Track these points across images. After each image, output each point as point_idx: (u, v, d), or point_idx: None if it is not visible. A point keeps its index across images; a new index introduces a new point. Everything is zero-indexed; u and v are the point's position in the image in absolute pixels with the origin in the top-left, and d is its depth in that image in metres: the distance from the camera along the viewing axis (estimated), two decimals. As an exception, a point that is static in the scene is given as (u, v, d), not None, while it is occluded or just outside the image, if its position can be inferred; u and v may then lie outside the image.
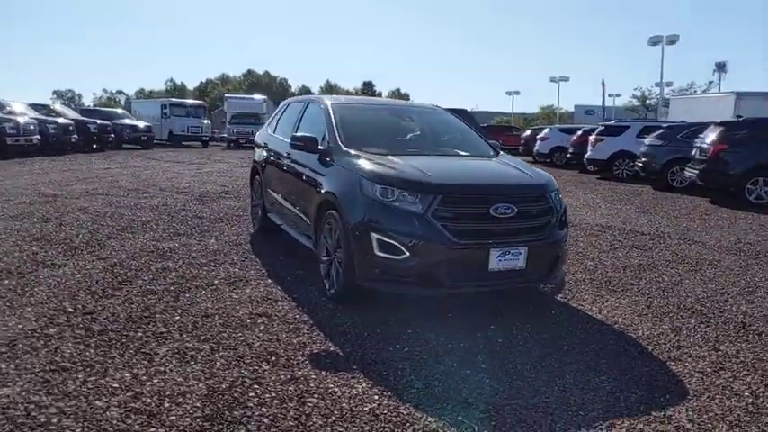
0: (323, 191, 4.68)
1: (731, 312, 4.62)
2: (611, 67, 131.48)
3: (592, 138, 17.77)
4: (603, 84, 44.37)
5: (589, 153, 17.60)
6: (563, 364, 3.52)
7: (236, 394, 2.96)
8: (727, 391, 3.21)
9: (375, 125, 5.53)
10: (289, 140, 5.82)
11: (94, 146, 21.57)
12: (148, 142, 26.13)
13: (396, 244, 3.93)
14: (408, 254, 3.90)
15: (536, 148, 23.51)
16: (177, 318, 4.04)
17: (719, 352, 3.79)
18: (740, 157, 11.15)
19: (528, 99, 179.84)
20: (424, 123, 5.82)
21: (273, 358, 3.44)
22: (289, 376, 3.20)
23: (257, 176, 7.04)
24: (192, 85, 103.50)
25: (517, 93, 66.13)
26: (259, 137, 7.20)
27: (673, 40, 35.32)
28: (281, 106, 7.12)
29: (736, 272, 5.93)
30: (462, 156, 5.21)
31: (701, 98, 24.57)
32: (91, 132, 21.31)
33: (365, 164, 4.38)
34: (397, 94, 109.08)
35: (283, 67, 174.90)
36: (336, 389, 3.08)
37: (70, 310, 4.11)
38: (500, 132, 31.56)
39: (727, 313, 4.60)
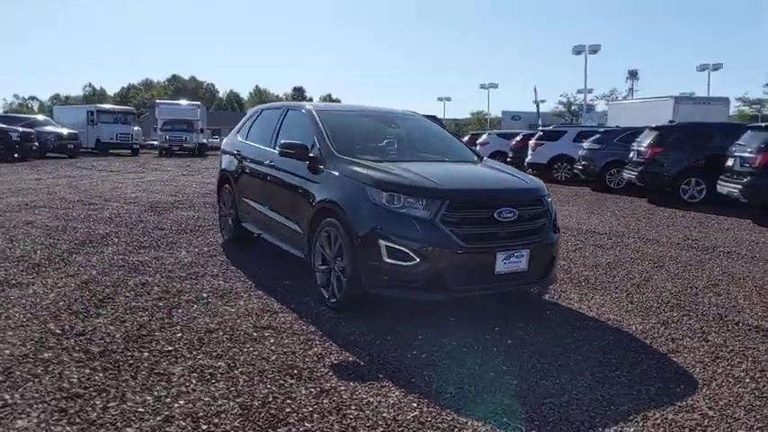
0: (318, 199, 4.61)
1: (704, 305, 4.94)
2: (538, 75, 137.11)
3: (532, 142, 18.47)
4: (536, 91, 46.24)
5: (530, 157, 18.28)
6: (576, 361, 3.64)
7: (272, 411, 2.86)
8: (730, 379, 3.44)
9: (363, 132, 5.52)
10: (269, 148, 5.72)
11: (16, 155, 20.12)
12: (75, 150, 24.70)
13: (405, 250, 3.93)
14: (418, 260, 3.92)
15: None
16: (179, 335, 3.86)
17: (709, 342, 4.05)
18: (674, 159, 11.95)
19: (459, 105, 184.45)
20: (408, 130, 5.86)
21: (295, 371, 3.35)
22: (318, 389, 3.13)
23: (227, 185, 6.83)
24: (112, 90, 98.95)
25: (448, 99, 67.74)
26: (228, 145, 6.99)
27: (594, 50, 37.39)
28: (250, 113, 6.95)
29: (695, 266, 6.36)
30: (453, 162, 5.28)
31: (640, 103, 25.77)
32: (13, 141, 19.85)
33: (367, 171, 4.36)
34: (329, 99, 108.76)
35: (210, 71, 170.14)
36: (371, 399, 3.04)
37: (58, 331, 3.83)
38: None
39: (702, 306, 4.91)
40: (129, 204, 9.85)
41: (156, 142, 33.19)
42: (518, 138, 21.38)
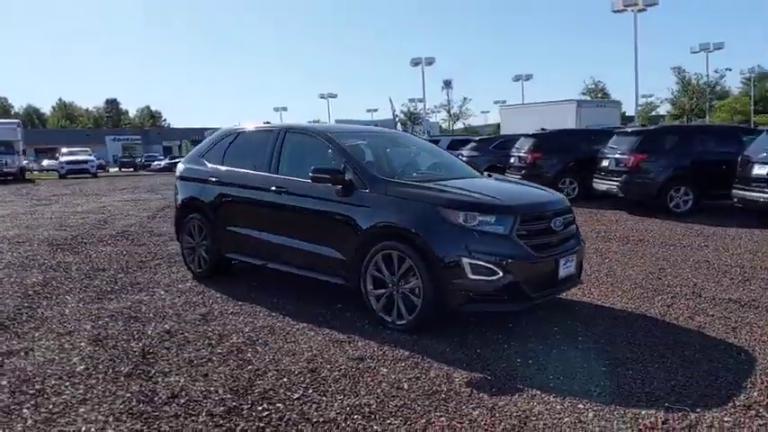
0: (372, 223, 4.58)
1: (675, 287, 5.85)
2: (379, 84, 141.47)
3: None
4: (391, 100, 48.11)
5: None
6: (634, 352, 4.06)
7: (475, 436, 2.91)
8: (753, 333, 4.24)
9: (386, 152, 5.54)
10: (270, 173, 5.50)
11: None
12: None
13: (489, 266, 4.14)
14: (501, 273, 4.15)
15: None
16: (284, 379, 3.62)
17: (713, 316, 4.87)
18: (551, 162, 13.59)
19: (295, 114, 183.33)
20: (416, 148, 6.02)
21: (441, 395, 3.39)
22: (485, 409, 3.22)
23: (195, 215, 6.30)
24: None
25: (284, 108, 67.45)
26: (192, 171, 6.43)
27: (430, 62, 40.27)
28: (218, 136, 6.48)
29: (630, 255, 7.43)
30: (476, 178, 5.52)
31: (543, 107, 26.75)
32: None
33: (432, 192, 4.47)
34: (147, 111, 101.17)
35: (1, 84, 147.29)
36: (543, 408, 3.22)
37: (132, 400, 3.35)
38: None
39: (674, 287, 5.82)
40: (20, 244, 8.44)
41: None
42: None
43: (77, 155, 32.65)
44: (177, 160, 41.06)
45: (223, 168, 6.07)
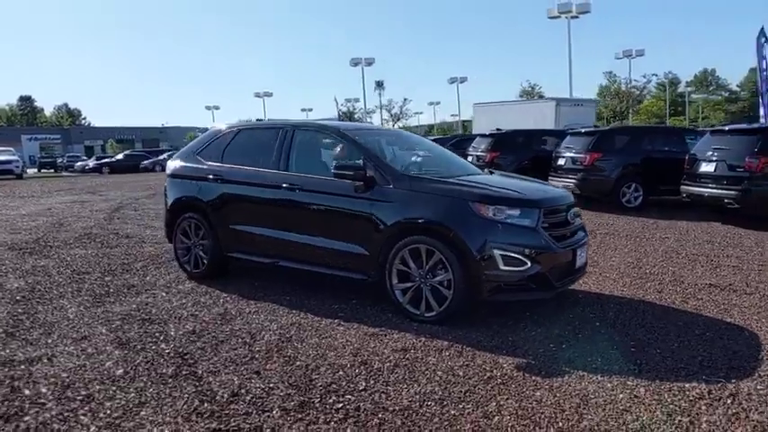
0: (398, 219, 4.67)
1: (657, 275, 6.31)
2: (315, 83, 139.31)
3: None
4: (336, 100, 47.89)
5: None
6: (651, 333, 4.39)
7: (560, 423, 3.08)
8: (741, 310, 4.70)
9: (395, 149, 5.62)
10: (280, 171, 5.47)
11: None
12: None
13: (519, 257, 4.35)
14: (529, 264, 4.37)
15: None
16: (341, 373, 3.65)
17: (709, 299, 5.31)
18: (508, 160, 14.11)
19: (229, 113, 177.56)
20: (420, 146, 6.13)
21: (498, 381, 3.54)
22: (545, 390, 3.41)
23: (191, 214, 6.14)
24: None
25: (217, 107, 65.70)
26: (187, 169, 6.24)
27: (370, 62, 40.53)
28: (214, 133, 6.32)
29: (604, 246, 7.91)
30: (484, 174, 5.72)
31: (521, 105, 26.25)
32: None
33: (461, 188, 4.62)
34: (66, 109, 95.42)
35: None
36: (596, 387, 3.44)
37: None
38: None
39: (657, 275, 6.28)
40: (-21, 249, 7.87)
41: None
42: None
43: (1, 154, 30.35)
44: (107, 160, 39.31)
45: (225, 166, 5.95)
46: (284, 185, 5.38)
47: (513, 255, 4.35)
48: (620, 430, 2.96)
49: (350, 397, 3.32)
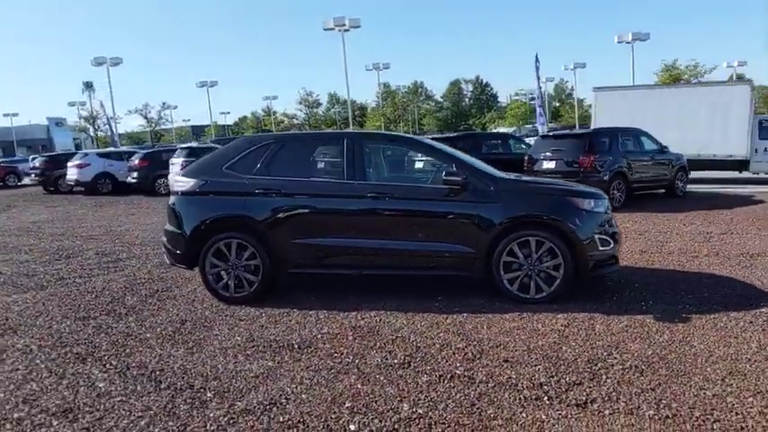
0: (508, 216, 5.26)
1: (668, 248, 7.73)
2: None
3: (181, 161, 17.85)
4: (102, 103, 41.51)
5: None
6: (717, 294, 5.43)
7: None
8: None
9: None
10: (354, 181, 5.55)
11: None
12: None
13: (608, 238, 5.42)
14: (613, 243, 5.47)
15: (75, 177, 20.90)
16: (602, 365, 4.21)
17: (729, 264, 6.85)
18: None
19: None
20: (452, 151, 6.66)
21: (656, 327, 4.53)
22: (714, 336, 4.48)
23: (229, 234, 5.63)
24: None
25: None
26: (225, 185, 5.68)
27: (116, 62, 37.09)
28: (244, 146, 5.86)
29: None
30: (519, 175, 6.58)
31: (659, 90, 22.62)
32: None
33: (555, 185, 5.49)
34: None
35: None
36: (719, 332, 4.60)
37: None
38: None
39: (666, 248, 7.74)
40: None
41: None
42: (140, 156, 20.14)
43: None
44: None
45: (279, 179, 5.64)
46: (369, 195, 5.46)
47: (605, 237, 5.40)
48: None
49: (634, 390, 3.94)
